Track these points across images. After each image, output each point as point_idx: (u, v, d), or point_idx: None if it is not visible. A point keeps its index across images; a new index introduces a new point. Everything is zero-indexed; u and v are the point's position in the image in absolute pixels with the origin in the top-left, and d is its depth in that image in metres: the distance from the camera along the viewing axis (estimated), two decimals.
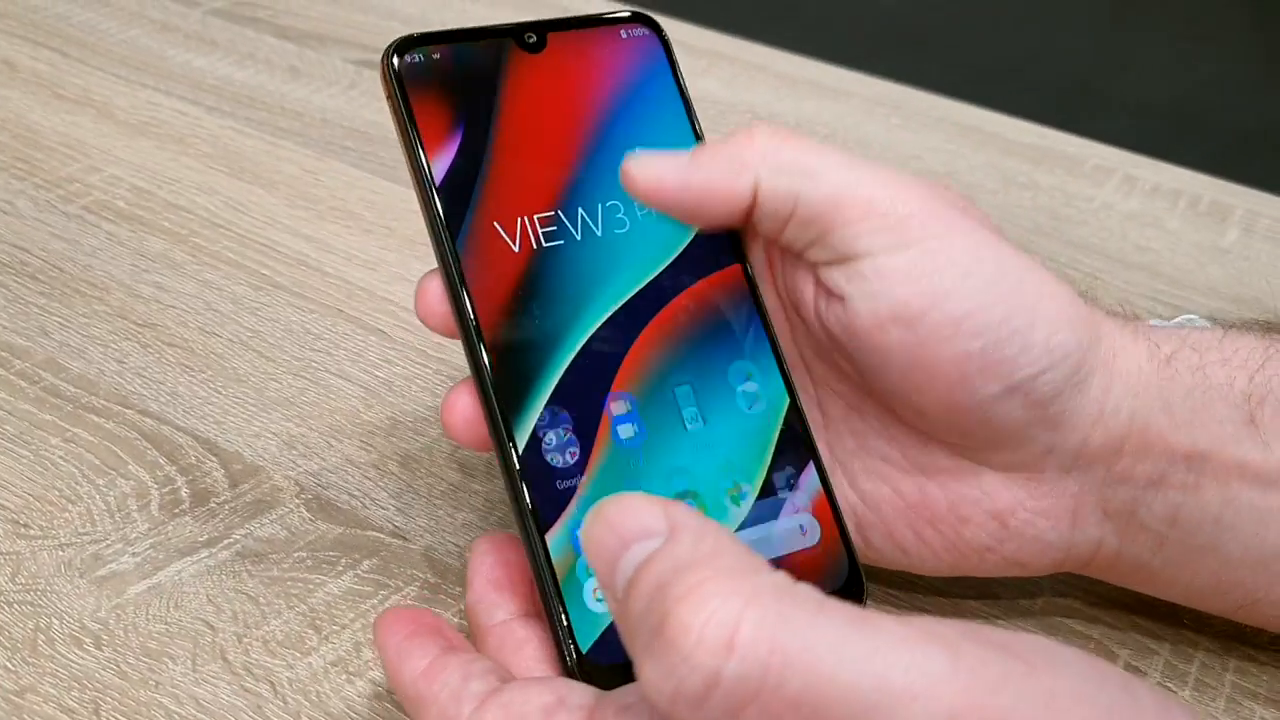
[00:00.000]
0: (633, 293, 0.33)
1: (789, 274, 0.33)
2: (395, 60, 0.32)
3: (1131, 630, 0.36)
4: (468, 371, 0.32)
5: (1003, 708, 0.22)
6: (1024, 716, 0.22)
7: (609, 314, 0.33)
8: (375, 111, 0.59)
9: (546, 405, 0.31)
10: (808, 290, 0.32)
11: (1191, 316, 0.38)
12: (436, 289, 0.32)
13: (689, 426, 0.32)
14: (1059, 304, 0.31)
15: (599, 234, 0.33)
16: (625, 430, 0.32)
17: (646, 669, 0.22)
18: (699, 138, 0.35)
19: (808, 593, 0.22)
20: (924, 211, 0.31)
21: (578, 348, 0.32)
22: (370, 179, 0.55)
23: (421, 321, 0.33)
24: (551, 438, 0.31)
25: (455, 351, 0.45)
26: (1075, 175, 0.58)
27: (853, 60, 0.68)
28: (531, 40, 0.34)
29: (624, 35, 0.35)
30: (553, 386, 0.32)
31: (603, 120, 0.34)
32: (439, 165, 0.32)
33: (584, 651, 0.30)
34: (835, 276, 0.31)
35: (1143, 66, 1.81)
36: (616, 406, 0.32)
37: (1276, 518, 0.31)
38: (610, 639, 0.30)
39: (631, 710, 0.26)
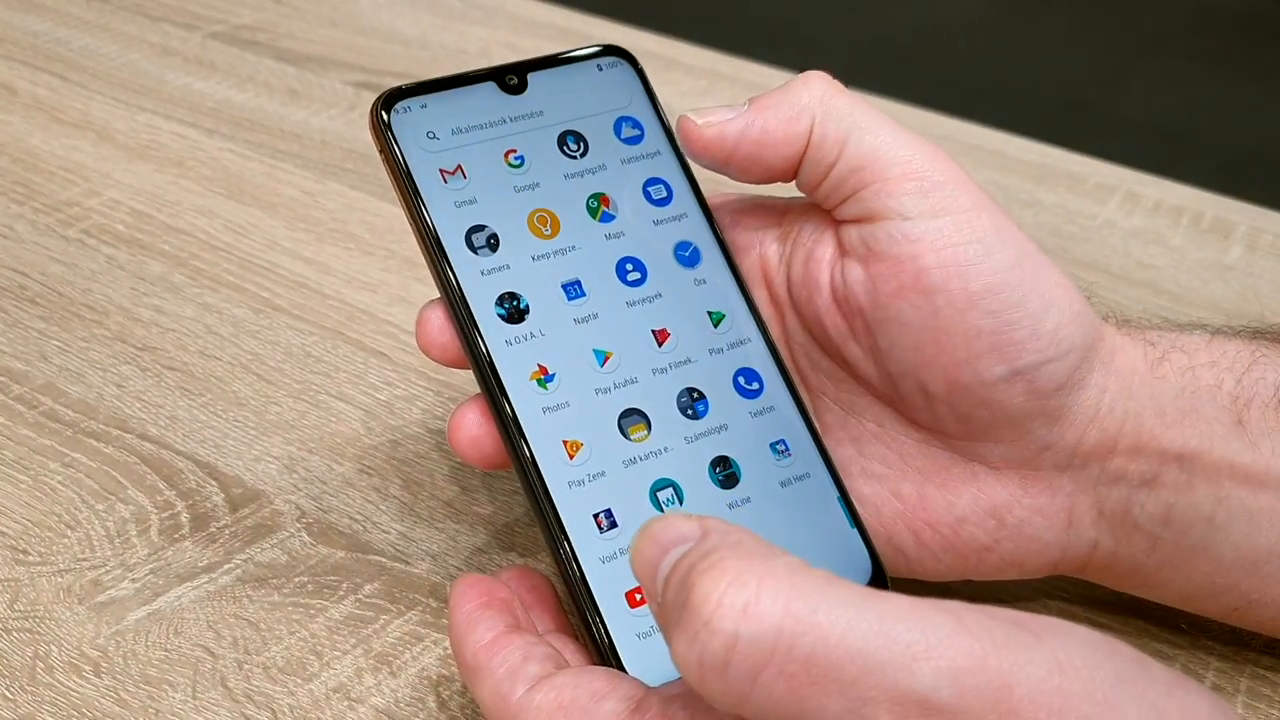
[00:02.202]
0: (635, 309, 0.34)
1: (803, 252, 0.34)
2: (384, 114, 0.34)
3: (1142, 648, 0.36)
4: (473, 391, 0.32)
5: (1006, 667, 0.22)
6: (1029, 676, 0.22)
7: (614, 331, 0.34)
8: None
9: (563, 425, 0.32)
10: (825, 262, 0.33)
11: None
12: (437, 319, 0.33)
13: (698, 433, 0.33)
14: (1070, 298, 0.32)
15: (599, 254, 0.34)
16: (640, 442, 0.33)
17: (675, 643, 0.24)
18: (683, 161, 0.36)
19: (821, 571, 0.24)
20: (956, 183, 0.32)
21: (585, 366, 0.33)
22: (370, 200, 0.55)
23: (423, 352, 0.33)
24: (575, 468, 0.32)
25: (457, 373, 0.45)
26: (1077, 193, 0.58)
27: (852, 79, 0.68)
28: (513, 82, 0.35)
29: (599, 68, 0.36)
30: (566, 405, 0.32)
31: (588, 150, 0.35)
32: (436, 209, 0.33)
33: (628, 668, 0.30)
34: (863, 235, 0.32)
35: (1143, 84, 1.82)
36: (634, 429, 0.33)
37: (1267, 518, 0.31)
38: (651, 657, 0.30)
39: (676, 701, 0.27)
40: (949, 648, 0.22)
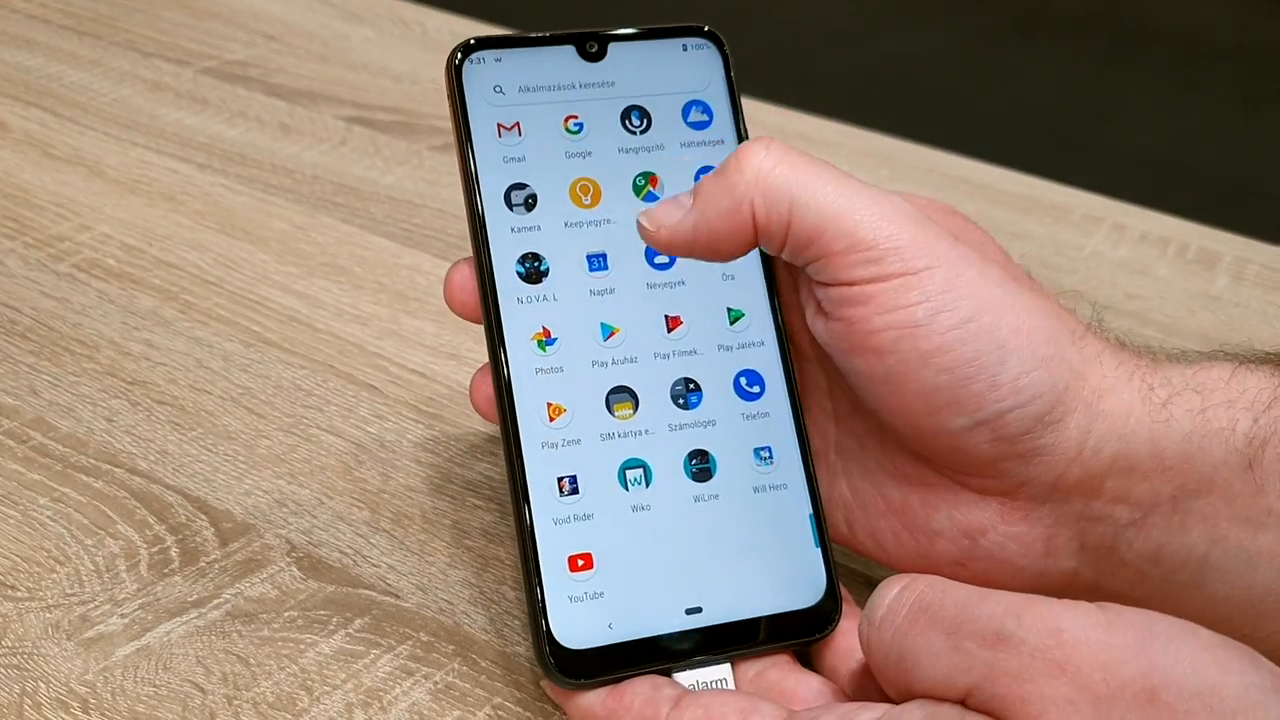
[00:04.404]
0: (654, 291, 0.34)
1: (804, 278, 0.34)
2: (459, 61, 0.34)
3: None
4: (465, 426, 0.33)
5: (1055, 608, 0.27)
6: (1076, 623, 0.26)
7: (627, 308, 0.34)
8: (366, 167, 0.60)
9: (551, 388, 0.33)
10: (807, 298, 0.34)
11: None
12: (461, 276, 0.34)
13: (684, 423, 0.34)
14: (1034, 343, 0.31)
15: (633, 232, 0.34)
16: (623, 420, 0.33)
17: None
18: None
19: None
20: (908, 244, 0.31)
21: (589, 337, 0.34)
22: (361, 234, 0.55)
23: (446, 303, 0.34)
24: (553, 430, 0.33)
25: (448, 406, 0.45)
26: (1064, 224, 0.58)
27: (840, 112, 0.69)
28: (593, 49, 0.35)
29: (684, 48, 0.36)
30: (559, 370, 0.33)
31: (650, 128, 0.35)
32: (483, 161, 0.34)
33: (556, 636, 0.31)
34: (823, 294, 0.32)
35: (1129, 116, 1.83)
36: (620, 406, 0.33)
37: (1266, 559, 0.31)
38: (576, 622, 0.31)
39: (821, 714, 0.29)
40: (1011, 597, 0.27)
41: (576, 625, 0.31)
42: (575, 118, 0.35)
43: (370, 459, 0.43)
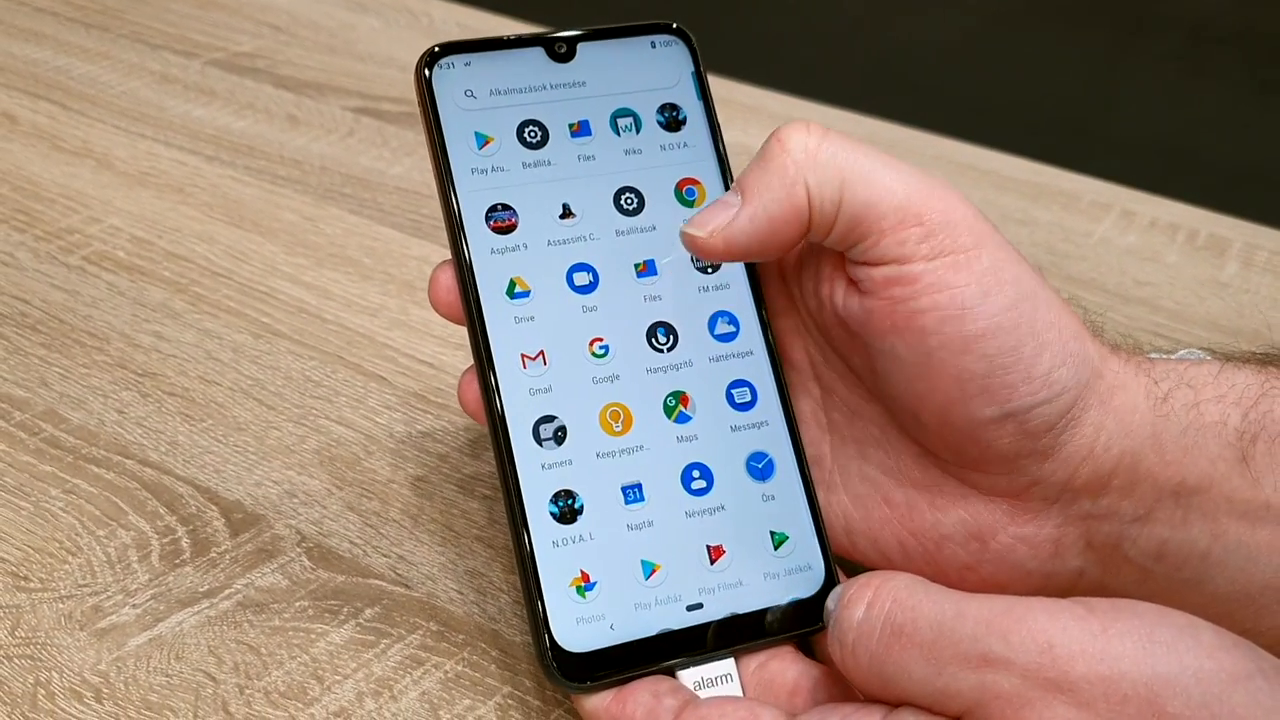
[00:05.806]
0: (641, 300, 0.34)
1: (813, 265, 0.34)
2: (427, 68, 0.34)
3: None
4: (468, 419, 0.33)
5: (1046, 620, 0.27)
6: (1070, 635, 0.27)
7: (615, 320, 0.34)
8: (373, 158, 0.60)
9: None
10: (833, 279, 0.33)
11: (1191, 350, 0.38)
12: (447, 280, 0.34)
13: (680, 436, 0.33)
14: (1064, 339, 0.31)
15: (615, 242, 0.34)
16: (615, 430, 0.33)
17: None
18: (719, 149, 0.36)
19: None
20: (957, 222, 0.31)
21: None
22: (369, 225, 0.55)
23: (433, 307, 0.34)
24: (545, 431, 0.32)
25: (455, 397, 0.45)
26: (1072, 211, 0.58)
27: (846, 100, 0.69)
28: (561, 50, 0.35)
29: (653, 45, 0.36)
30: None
31: (624, 127, 0.35)
32: (460, 171, 0.33)
33: (558, 639, 0.31)
34: (864, 273, 0.32)
35: (1136, 102, 1.83)
36: (609, 408, 0.33)
37: (1265, 552, 0.31)
38: (583, 629, 0.31)
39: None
40: (996, 605, 0.27)
41: (578, 629, 0.31)
42: (552, 121, 0.34)
43: (380, 449, 0.43)
